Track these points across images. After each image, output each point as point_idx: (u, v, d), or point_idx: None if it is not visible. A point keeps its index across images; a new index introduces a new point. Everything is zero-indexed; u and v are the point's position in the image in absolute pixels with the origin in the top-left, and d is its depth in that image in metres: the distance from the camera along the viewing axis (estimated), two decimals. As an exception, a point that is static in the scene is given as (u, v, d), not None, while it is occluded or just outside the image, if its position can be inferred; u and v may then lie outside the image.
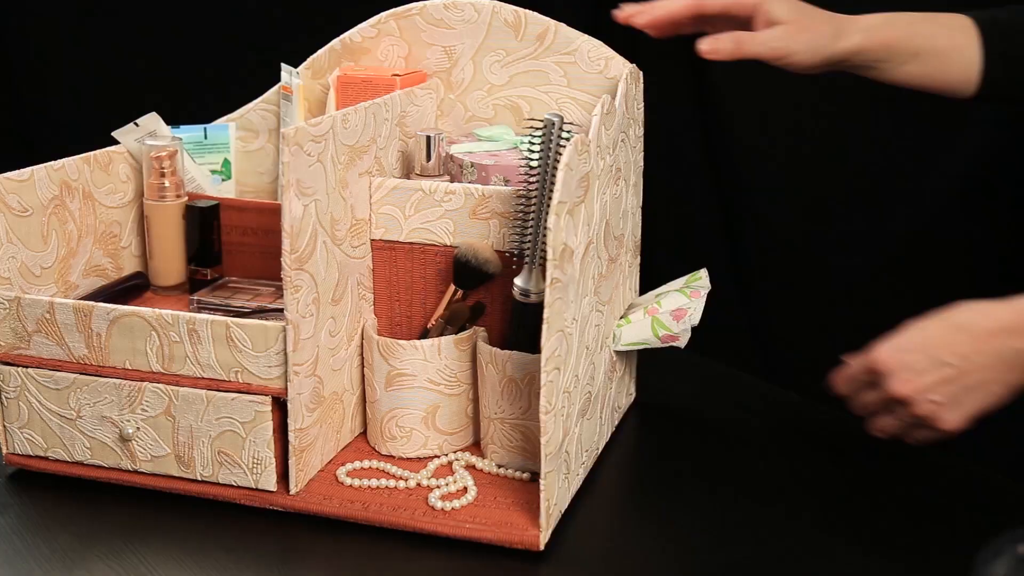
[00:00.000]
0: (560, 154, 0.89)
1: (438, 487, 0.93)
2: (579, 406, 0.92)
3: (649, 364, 1.13)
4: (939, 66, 0.99)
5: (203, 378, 0.91)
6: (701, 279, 1.02)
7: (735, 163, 1.51)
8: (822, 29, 0.95)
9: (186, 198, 1.14)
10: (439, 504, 0.90)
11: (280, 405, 0.90)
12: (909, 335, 0.85)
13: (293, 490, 0.91)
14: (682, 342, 1.00)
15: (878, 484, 0.97)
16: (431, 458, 0.98)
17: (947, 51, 0.98)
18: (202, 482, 0.93)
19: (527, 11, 1.09)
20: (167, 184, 1.12)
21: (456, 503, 0.90)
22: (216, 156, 1.21)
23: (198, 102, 1.27)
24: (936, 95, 1.01)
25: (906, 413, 0.85)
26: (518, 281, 0.94)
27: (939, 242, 1.39)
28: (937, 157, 1.38)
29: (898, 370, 0.84)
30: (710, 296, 1.02)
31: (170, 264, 1.14)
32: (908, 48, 0.98)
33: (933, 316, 0.85)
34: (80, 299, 1.01)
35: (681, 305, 1.00)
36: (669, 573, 0.85)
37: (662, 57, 1.33)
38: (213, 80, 1.53)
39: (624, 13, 0.93)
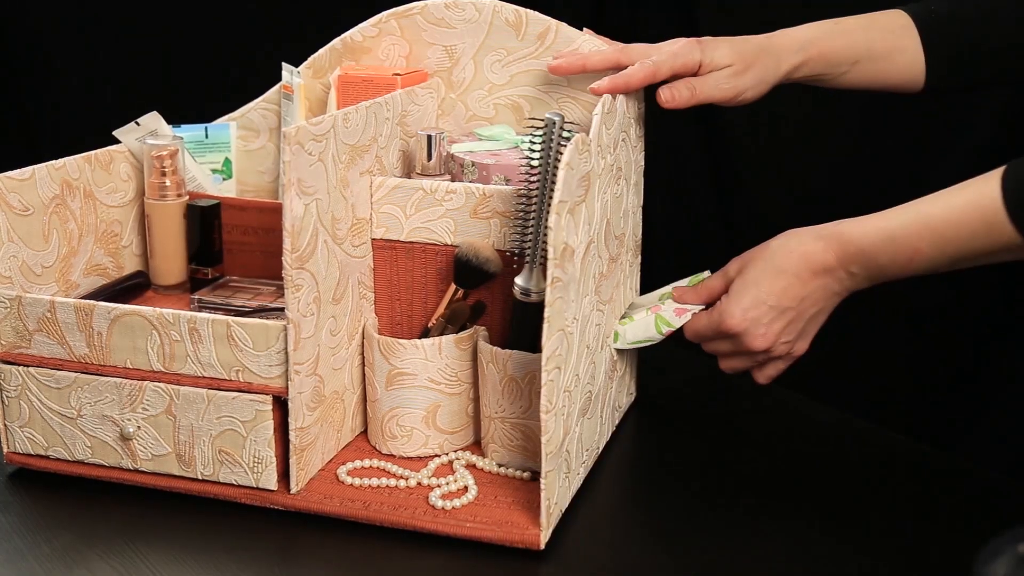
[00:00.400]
0: (561, 153, 0.89)
1: (439, 486, 0.93)
2: (580, 405, 0.92)
3: (650, 363, 1.13)
4: (881, 69, 1.02)
5: (204, 377, 0.91)
6: (704, 279, 1.02)
7: (735, 163, 1.51)
8: (763, 61, 0.99)
9: (187, 197, 1.14)
10: (440, 503, 0.90)
11: (281, 404, 0.91)
12: (745, 292, 0.92)
13: (294, 489, 0.91)
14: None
15: (878, 483, 0.97)
16: (432, 457, 0.98)
17: (887, 54, 1.01)
18: (203, 481, 0.93)
19: (528, 10, 1.09)
20: (168, 183, 1.12)
21: (457, 502, 0.90)
22: (217, 155, 1.21)
23: (199, 101, 1.27)
24: (945, 97, 1.03)
25: (764, 357, 0.95)
26: (519, 280, 0.94)
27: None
28: (941, 157, 1.38)
29: (750, 328, 0.92)
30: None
31: (171, 263, 1.14)
32: (846, 57, 1.01)
33: (755, 263, 0.92)
34: (81, 298, 1.02)
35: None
36: (669, 572, 0.85)
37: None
38: (214, 79, 1.53)
39: (596, 86, 0.97)
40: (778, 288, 0.91)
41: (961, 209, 0.84)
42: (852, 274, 0.90)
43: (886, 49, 1.01)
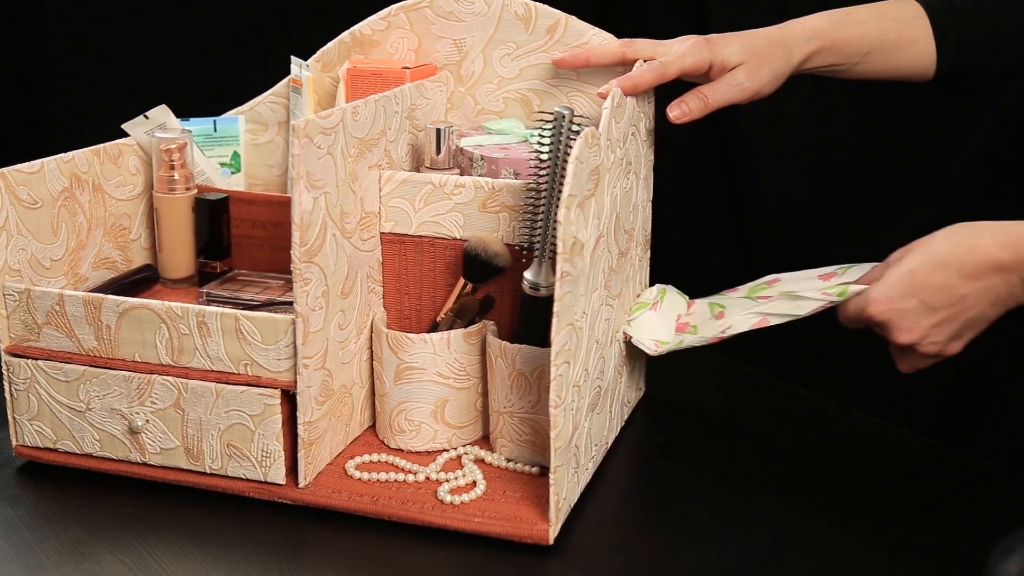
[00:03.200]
0: (570, 147, 0.89)
1: (447, 481, 0.93)
2: (589, 400, 0.92)
3: (658, 359, 1.12)
4: (893, 59, 1.01)
5: (212, 371, 0.91)
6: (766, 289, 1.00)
7: (745, 158, 1.51)
8: (776, 53, 0.98)
9: (195, 191, 1.14)
10: (448, 498, 0.90)
11: (289, 398, 0.90)
12: (899, 281, 0.84)
13: (302, 483, 0.91)
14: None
15: (887, 479, 0.97)
16: (440, 452, 0.98)
17: (899, 44, 1.00)
18: (211, 475, 0.93)
19: (537, 4, 1.09)
20: (176, 177, 1.12)
21: (465, 497, 0.90)
22: (226, 149, 1.21)
23: (208, 95, 1.27)
24: (954, 89, 1.02)
25: (912, 354, 0.87)
26: (528, 275, 0.94)
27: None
28: (955, 150, 1.37)
29: (896, 321, 0.85)
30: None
31: (179, 257, 1.14)
32: (859, 48, 1.00)
33: (916, 252, 0.84)
34: (90, 291, 1.02)
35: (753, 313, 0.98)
36: (678, 568, 0.85)
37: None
38: (223, 73, 1.53)
39: (604, 89, 0.96)
40: (935, 282, 0.82)
41: None
42: None
43: (898, 39, 1.00)
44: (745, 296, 0.98)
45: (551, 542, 0.86)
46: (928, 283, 0.83)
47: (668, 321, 1.01)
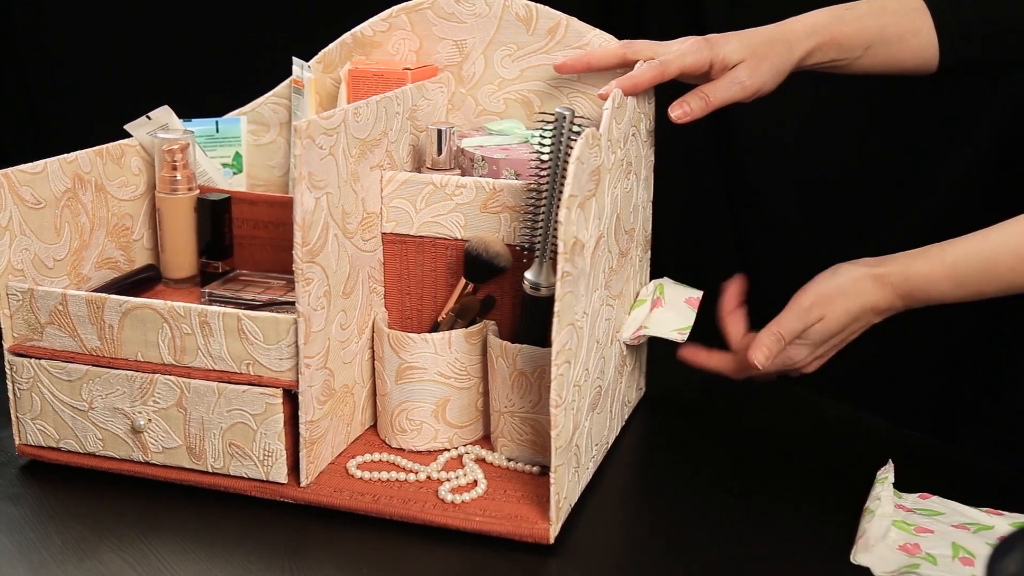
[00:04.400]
0: (571, 148, 0.89)
1: (448, 480, 0.93)
2: (589, 400, 0.92)
3: (659, 359, 1.13)
4: (894, 53, 1.01)
5: (214, 370, 0.91)
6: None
7: (745, 158, 1.51)
8: (776, 51, 0.98)
9: (198, 191, 1.14)
10: (449, 497, 0.90)
11: (291, 397, 0.91)
12: (820, 340, 0.95)
13: (304, 482, 0.92)
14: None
15: (888, 479, 0.97)
16: (441, 451, 0.98)
17: (899, 37, 1.00)
18: (213, 474, 0.93)
19: (538, 5, 1.09)
20: (179, 177, 1.12)
21: (466, 496, 0.90)
22: (228, 149, 1.21)
23: (210, 96, 1.27)
24: (953, 85, 1.02)
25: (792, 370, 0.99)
26: (529, 275, 0.94)
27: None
28: (950, 154, 1.37)
29: (812, 364, 0.98)
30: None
31: (182, 257, 1.14)
32: (859, 42, 1.00)
33: (837, 315, 0.94)
34: (92, 291, 1.02)
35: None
36: (678, 567, 0.85)
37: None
38: (225, 74, 1.54)
39: (604, 90, 0.96)
40: (846, 334, 0.96)
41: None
42: (910, 307, 0.93)
43: (899, 32, 0.99)
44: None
45: (551, 541, 0.86)
46: (841, 335, 0.96)
47: (679, 309, 1.01)
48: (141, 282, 1.12)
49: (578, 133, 0.90)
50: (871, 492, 0.91)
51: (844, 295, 0.94)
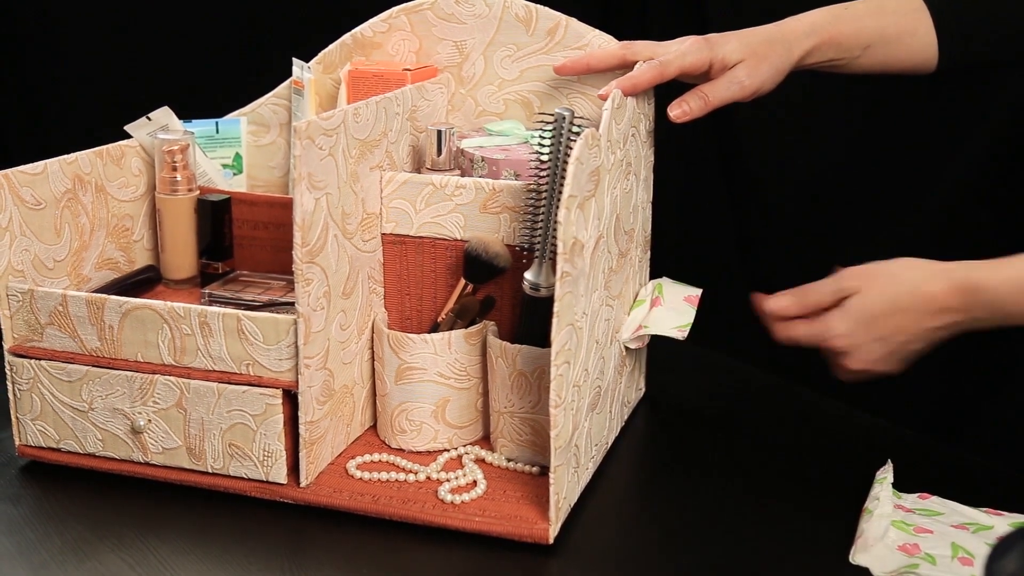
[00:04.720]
0: (571, 148, 0.89)
1: (448, 480, 0.93)
2: (589, 400, 0.92)
3: (659, 359, 1.13)
4: (894, 52, 1.00)
5: (214, 371, 0.92)
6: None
7: (745, 157, 1.51)
8: (775, 50, 0.98)
9: (198, 192, 1.14)
10: (449, 497, 0.90)
11: (291, 398, 0.91)
12: (860, 319, 0.90)
13: (303, 483, 0.92)
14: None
15: (888, 479, 0.97)
16: (441, 452, 0.98)
17: (899, 37, 1.00)
18: (213, 474, 0.93)
19: (538, 6, 1.09)
20: (179, 178, 1.12)
21: (466, 496, 0.90)
22: (228, 150, 1.21)
23: (210, 96, 1.27)
24: (954, 84, 1.02)
25: (851, 372, 0.93)
26: (528, 275, 0.94)
27: (950, 239, 1.38)
28: (951, 154, 1.37)
29: (851, 352, 0.91)
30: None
31: (182, 258, 1.14)
32: (858, 41, 1.00)
33: (875, 290, 0.90)
34: (92, 292, 1.02)
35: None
36: (678, 567, 0.85)
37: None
38: (225, 74, 1.54)
39: (604, 91, 0.96)
40: (892, 324, 0.89)
41: None
42: (975, 319, 0.87)
43: (898, 31, 1.00)
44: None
45: (551, 541, 0.86)
46: (886, 325, 0.89)
47: (678, 307, 1.01)
48: (141, 283, 1.12)
49: (577, 134, 0.90)
50: (870, 492, 0.91)
51: (891, 277, 0.90)
